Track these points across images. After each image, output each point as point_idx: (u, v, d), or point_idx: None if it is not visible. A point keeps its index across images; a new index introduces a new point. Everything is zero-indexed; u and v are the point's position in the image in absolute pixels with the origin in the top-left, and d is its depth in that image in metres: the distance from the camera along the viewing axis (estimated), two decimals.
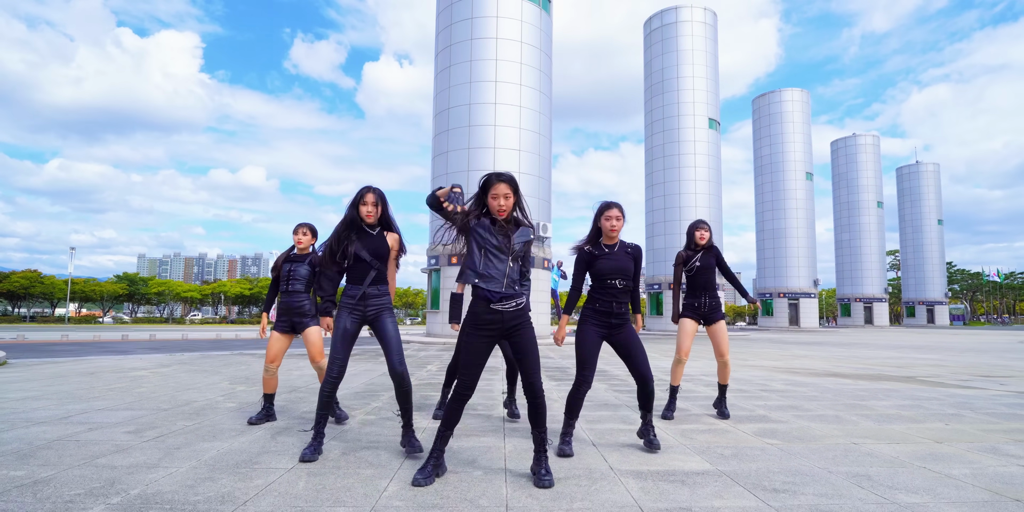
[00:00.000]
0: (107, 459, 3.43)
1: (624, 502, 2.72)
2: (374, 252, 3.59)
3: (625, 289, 3.73)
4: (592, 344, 3.68)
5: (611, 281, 3.70)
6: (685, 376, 8.55)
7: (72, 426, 4.41)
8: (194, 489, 2.86)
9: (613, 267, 3.72)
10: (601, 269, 3.73)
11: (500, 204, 3.01)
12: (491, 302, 2.99)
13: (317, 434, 3.54)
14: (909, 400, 6.21)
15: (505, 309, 3.01)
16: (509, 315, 3.03)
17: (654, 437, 3.77)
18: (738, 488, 2.95)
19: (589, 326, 3.71)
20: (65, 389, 6.56)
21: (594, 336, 3.69)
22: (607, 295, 3.71)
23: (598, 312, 3.72)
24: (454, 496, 2.78)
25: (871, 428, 4.61)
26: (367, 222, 3.62)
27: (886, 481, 3.10)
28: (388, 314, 3.63)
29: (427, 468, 2.99)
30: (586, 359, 3.65)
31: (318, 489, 2.87)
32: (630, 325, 3.75)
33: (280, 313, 4.60)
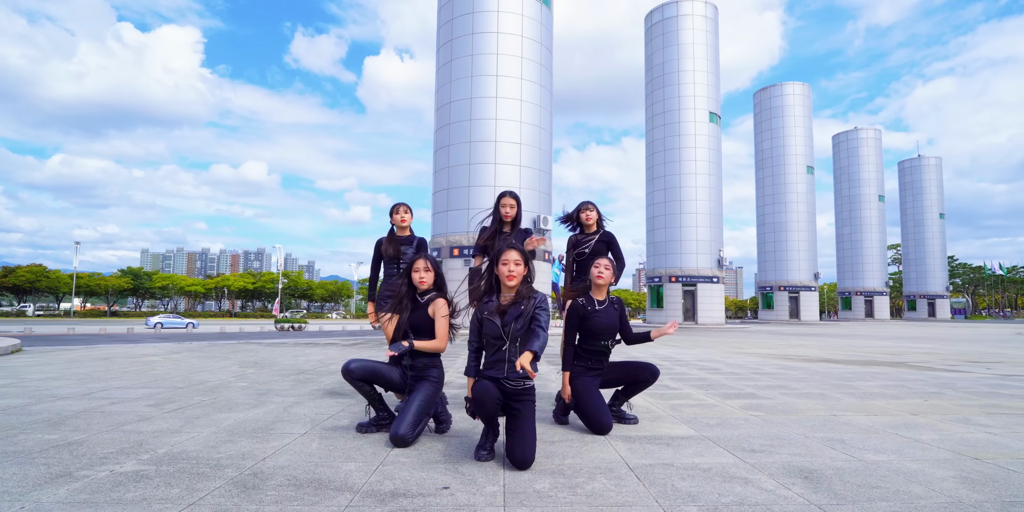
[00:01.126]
0: (133, 426, 3.68)
1: (612, 459, 2.96)
2: (414, 326, 3.44)
3: (613, 345, 3.79)
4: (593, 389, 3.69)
5: (604, 342, 3.74)
6: (680, 362, 8.79)
7: (95, 400, 4.66)
8: (216, 448, 3.10)
9: (606, 326, 3.73)
10: (593, 328, 3.73)
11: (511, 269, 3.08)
12: (498, 379, 3.00)
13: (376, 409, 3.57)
14: (894, 381, 6.45)
15: (510, 385, 2.98)
16: (512, 389, 2.98)
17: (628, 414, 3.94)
18: (718, 449, 3.19)
19: (586, 377, 3.73)
20: (83, 371, 6.82)
21: (594, 386, 3.72)
22: (600, 355, 3.77)
23: (590, 369, 3.77)
24: (456, 454, 3.03)
25: (852, 403, 4.85)
26: (420, 290, 3.51)
27: (858, 444, 3.34)
28: (429, 381, 3.42)
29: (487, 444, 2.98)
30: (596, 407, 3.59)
31: (330, 449, 3.12)
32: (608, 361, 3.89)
33: (385, 295, 4.56)
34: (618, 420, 3.89)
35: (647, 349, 11.76)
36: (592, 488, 2.48)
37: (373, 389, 3.51)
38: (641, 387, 3.88)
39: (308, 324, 37.92)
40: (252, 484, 2.49)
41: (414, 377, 3.45)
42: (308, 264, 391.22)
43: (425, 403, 3.35)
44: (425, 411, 3.35)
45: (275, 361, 8.41)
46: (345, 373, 3.38)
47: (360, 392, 3.47)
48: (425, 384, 3.42)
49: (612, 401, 3.95)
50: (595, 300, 3.82)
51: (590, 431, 3.60)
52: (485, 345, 3.11)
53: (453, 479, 2.59)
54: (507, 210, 4.40)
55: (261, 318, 70.15)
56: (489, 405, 2.85)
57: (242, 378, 6.27)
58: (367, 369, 3.41)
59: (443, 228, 21.83)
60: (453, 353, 10.21)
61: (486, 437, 3.03)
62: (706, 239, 34.15)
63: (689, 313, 34.44)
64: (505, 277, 3.08)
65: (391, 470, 2.73)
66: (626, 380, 3.87)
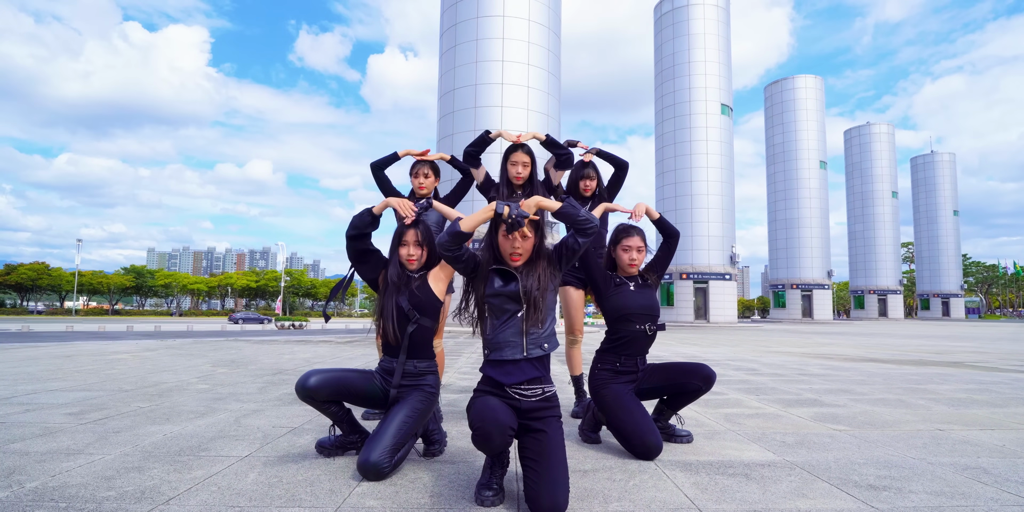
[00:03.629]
0: (23, 444, 2.77)
1: (677, 503, 2.02)
2: (417, 306, 2.55)
3: (654, 335, 2.85)
4: (632, 400, 2.73)
5: (640, 326, 2.80)
6: (709, 361, 7.84)
7: (8, 407, 3.76)
8: (110, 482, 2.19)
9: (641, 304, 2.82)
10: (625, 305, 2.81)
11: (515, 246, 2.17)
12: (503, 386, 2.12)
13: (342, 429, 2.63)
14: (973, 384, 5.48)
15: (524, 397, 2.12)
16: (528, 404, 2.12)
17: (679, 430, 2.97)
18: (822, 484, 2.25)
19: (617, 385, 2.78)
20: (28, 370, 5.93)
21: (630, 395, 2.76)
22: (634, 348, 2.82)
23: (621, 373, 2.82)
24: (448, 493, 2.10)
25: (948, 413, 3.90)
26: (409, 268, 2.63)
27: (1010, 475, 2.39)
28: (417, 395, 2.50)
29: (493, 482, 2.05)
30: (641, 429, 2.60)
31: (270, 484, 2.19)
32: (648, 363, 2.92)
33: None
34: (666, 438, 2.94)
35: (669, 348, 10.81)
36: None
37: (341, 408, 2.54)
38: (691, 398, 2.87)
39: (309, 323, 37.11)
40: None
41: (402, 386, 2.52)
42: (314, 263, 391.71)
43: (411, 420, 2.40)
44: (409, 431, 2.38)
45: (255, 360, 7.51)
46: (302, 391, 2.40)
47: (324, 413, 2.52)
48: (415, 395, 2.49)
49: (656, 414, 2.98)
50: (623, 277, 2.92)
51: (631, 455, 2.66)
52: (490, 313, 2.18)
53: None
54: (518, 170, 3.42)
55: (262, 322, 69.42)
56: (496, 438, 1.92)
57: (207, 379, 5.37)
58: (334, 383, 2.45)
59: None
60: (455, 351, 9.29)
61: (491, 470, 2.09)
62: (718, 235, 33.06)
63: (701, 311, 33.37)
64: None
65: None
66: (670, 389, 2.85)
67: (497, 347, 2.14)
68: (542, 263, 2.21)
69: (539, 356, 2.15)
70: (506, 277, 2.17)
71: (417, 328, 2.51)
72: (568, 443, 2.90)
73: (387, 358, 2.57)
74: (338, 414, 2.52)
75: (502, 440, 1.94)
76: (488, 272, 2.19)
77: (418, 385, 2.53)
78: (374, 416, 3.47)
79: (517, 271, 2.18)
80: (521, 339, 2.12)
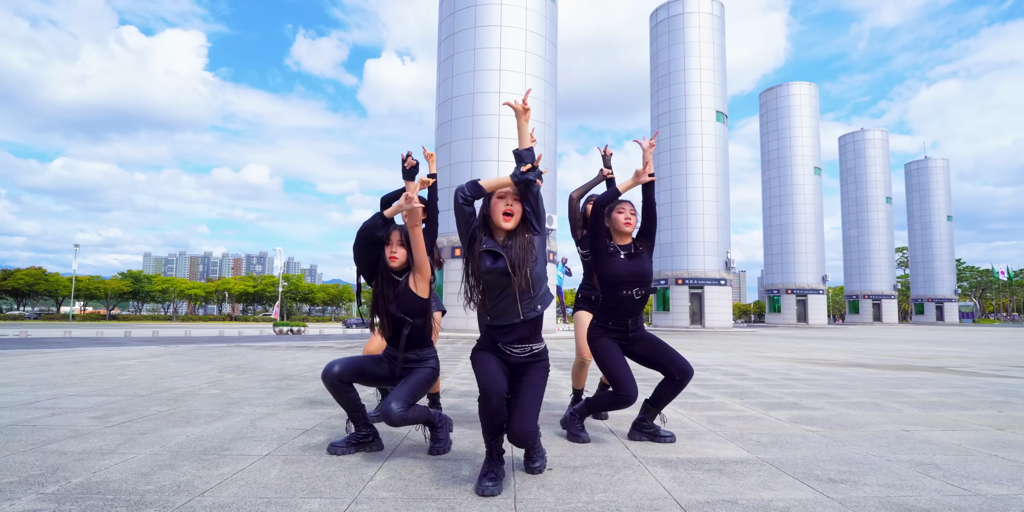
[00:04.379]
0: (58, 445, 3.01)
1: (655, 494, 2.28)
2: (405, 310, 2.81)
3: (643, 300, 3.11)
4: (616, 353, 3.08)
5: (627, 291, 3.06)
6: (701, 366, 8.10)
7: (35, 411, 4.00)
8: (147, 477, 2.43)
9: (631, 272, 3.07)
10: (616, 272, 3.06)
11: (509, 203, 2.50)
12: (498, 343, 2.47)
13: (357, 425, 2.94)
14: (948, 388, 5.75)
15: (514, 353, 2.48)
16: (517, 359, 2.49)
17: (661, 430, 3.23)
18: (787, 478, 2.51)
19: (607, 339, 3.12)
20: (44, 376, 6.16)
21: (617, 348, 3.11)
22: (624, 310, 3.09)
23: (611, 330, 3.13)
24: (453, 486, 2.35)
25: (917, 415, 4.16)
26: (392, 267, 2.87)
27: (958, 470, 2.65)
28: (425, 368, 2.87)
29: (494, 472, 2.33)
30: (619, 372, 2.98)
31: (292, 478, 2.44)
32: (644, 331, 3.21)
33: None
34: (650, 438, 3.20)
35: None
36: None
37: (358, 397, 2.87)
38: (669, 390, 3.13)
39: (307, 328, 37.25)
40: None
41: (406, 369, 2.86)
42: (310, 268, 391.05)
43: (421, 383, 2.79)
44: (419, 392, 2.75)
45: (260, 365, 7.74)
46: (329, 378, 2.75)
47: (342, 402, 2.82)
48: (421, 370, 2.86)
49: (641, 413, 3.26)
50: (617, 244, 3.18)
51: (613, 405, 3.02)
52: (486, 292, 2.47)
53: None
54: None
55: (261, 322, 69.51)
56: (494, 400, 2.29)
57: (216, 384, 5.60)
58: (354, 368, 2.82)
59: (444, 227, 21.18)
60: (454, 357, 9.53)
61: (491, 463, 2.35)
62: (713, 241, 33.40)
63: (696, 316, 33.65)
64: (500, 218, 2.49)
65: (366, 510, 2.05)
66: (653, 366, 3.13)
67: (497, 314, 2.47)
68: (525, 235, 2.51)
69: (534, 318, 2.48)
70: (495, 256, 2.46)
71: (412, 329, 2.82)
72: (559, 442, 3.16)
73: (391, 348, 2.89)
74: (356, 402, 2.84)
75: (499, 401, 2.32)
76: (480, 254, 2.48)
77: (421, 367, 2.87)
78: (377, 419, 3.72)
79: (503, 248, 2.47)
80: (516, 306, 2.44)
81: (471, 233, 2.53)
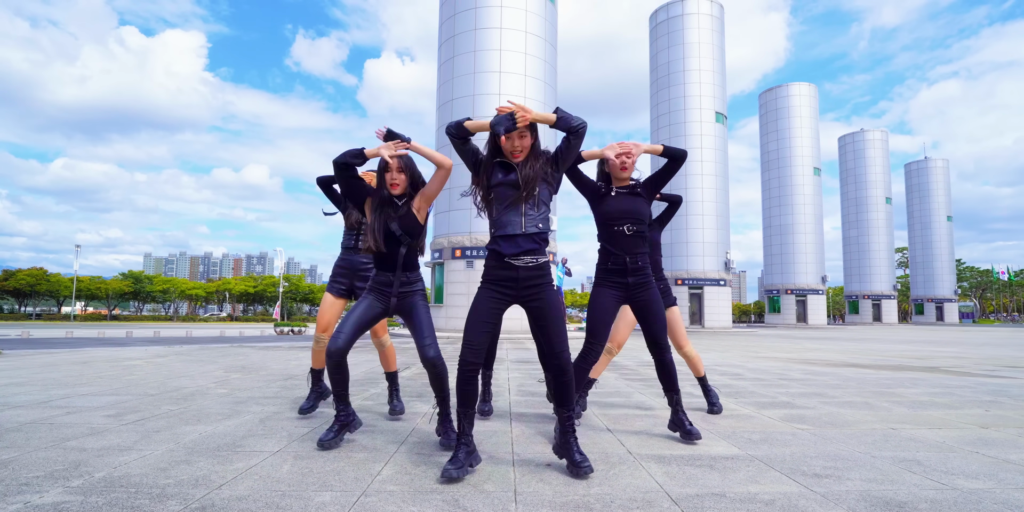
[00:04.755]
0: (77, 442, 3.14)
1: (648, 487, 2.41)
2: (406, 230, 3.05)
3: (637, 237, 3.20)
4: (603, 309, 3.21)
5: (618, 227, 3.19)
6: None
7: (49, 410, 4.12)
8: (166, 472, 2.56)
9: (620, 209, 3.19)
10: (608, 210, 3.22)
11: (515, 145, 2.64)
12: (504, 256, 2.62)
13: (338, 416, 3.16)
14: (939, 388, 5.87)
15: (520, 264, 2.62)
16: (525, 273, 2.63)
17: (690, 424, 3.26)
18: (774, 473, 2.63)
19: (602, 288, 3.25)
20: (53, 376, 6.29)
21: (608, 299, 3.22)
22: (617, 246, 3.21)
23: (610, 271, 3.23)
24: (456, 481, 2.48)
25: (906, 414, 4.28)
26: (394, 194, 3.08)
27: (939, 466, 2.78)
28: (419, 297, 3.14)
29: (458, 458, 2.51)
30: (594, 327, 3.21)
31: (303, 473, 2.57)
32: (654, 287, 3.25)
33: (339, 273, 3.94)
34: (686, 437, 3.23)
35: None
36: None
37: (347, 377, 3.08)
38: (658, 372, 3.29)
39: (308, 328, 37.35)
40: None
41: (403, 294, 3.10)
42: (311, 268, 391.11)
43: (428, 314, 3.11)
44: (432, 322, 3.10)
45: (264, 366, 7.87)
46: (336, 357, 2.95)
47: (338, 379, 3.04)
48: (415, 298, 3.12)
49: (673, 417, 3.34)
50: (613, 186, 3.30)
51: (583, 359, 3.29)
52: (495, 199, 2.65)
53: None
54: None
55: (262, 322, 69.65)
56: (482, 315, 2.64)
57: (223, 384, 5.73)
58: (359, 328, 3.01)
59: (445, 228, 21.31)
60: (454, 356, 9.65)
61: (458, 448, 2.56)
62: (713, 241, 33.51)
63: (695, 316, 33.76)
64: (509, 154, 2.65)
65: (375, 503, 2.18)
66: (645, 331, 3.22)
67: (501, 225, 2.63)
68: (539, 160, 2.68)
69: (535, 233, 2.63)
70: (507, 169, 2.66)
71: (408, 248, 3.08)
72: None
73: (382, 273, 3.09)
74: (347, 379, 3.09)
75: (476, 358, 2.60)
76: (492, 165, 2.68)
77: (413, 291, 3.12)
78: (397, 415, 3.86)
79: (516, 164, 2.65)
80: (521, 218, 2.61)
81: (476, 160, 2.72)
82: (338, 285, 3.92)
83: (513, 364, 8.31)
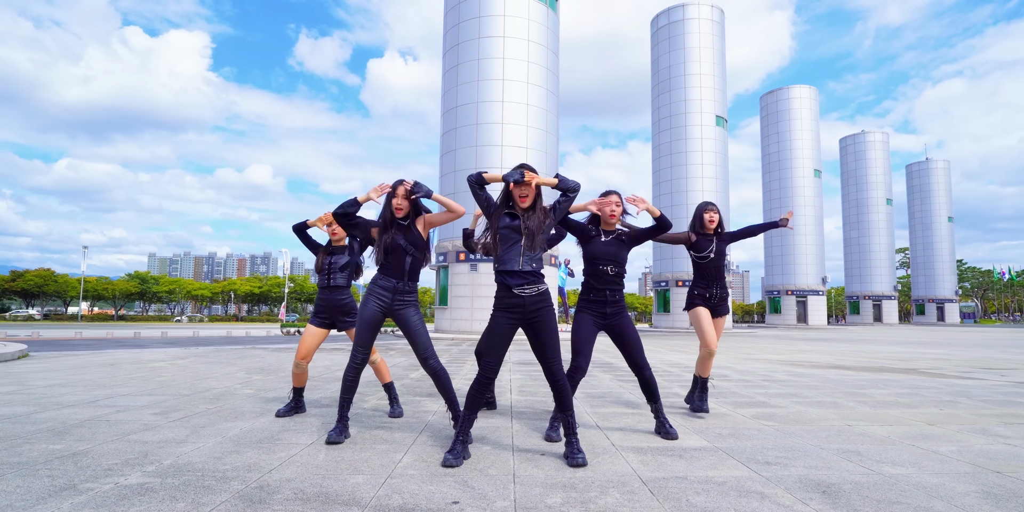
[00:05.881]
0: (138, 436, 3.64)
1: (624, 472, 2.90)
2: (412, 243, 3.61)
3: (617, 276, 3.76)
4: (586, 332, 3.73)
5: (603, 267, 3.73)
6: (690, 369, 8.70)
7: (100, 408, 4.63)
8: (221, 460, 3.06)
9: (605, 253, 3.74)
10: (594, 252, 3.76)
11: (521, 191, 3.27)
12: (511, 288, 3.17)
13: (341, 418, 3.58)
14: (908, 389, 6.35)
15: (525, 294, 3.18)
16: (530, 300, 3.19)
17: (670, 427, 3.74)
18: (732, 461, 3.13)
19: (585, 315, 3.78)
20: (88, 378, 6.80)
21: (589, 324, 3.75)
22: (600, 282, 3.73)
23: (593, 302, 3.76)
24: (466, 466, 2.97)
25: (867, 412, 4.77)
26: (397, 217, 3.63)
27: (874, 456, 3.27)
28: (414, 309, 3.65)
29: (456, 449, 3.04)
30: (579, 347, 3.72)
31: (337, 461, 3.07)
32: (626, 314, 3.78)
33: (320, 309, 4.39)
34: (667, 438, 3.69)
35: (656, 355, 11.67)
36: (605, 503, 2.43)
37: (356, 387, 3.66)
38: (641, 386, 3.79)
39: None
40: (258, 498, 2.45)
41: (401, 302, 3.62)
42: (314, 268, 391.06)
43: (425, 329, 3.68)
44: (428, 335, 3.69)
45: (281, 367, 8.38)
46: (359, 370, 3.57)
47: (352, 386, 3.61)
48: (411, 310, 3.64)
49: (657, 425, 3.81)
50: (603, 230, 3.86)
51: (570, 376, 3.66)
52: (500, 238, 3.25)
53: (463, 493, 2.54)
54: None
55: (267, 322, 70.27)
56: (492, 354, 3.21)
57: (248, 385, 6.24)
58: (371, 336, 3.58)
59: (449, 233, 21.81)
60: (459, 359, 10.15)
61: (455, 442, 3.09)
62: None
63: None
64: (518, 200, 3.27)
65: (399, 483, 2.68)
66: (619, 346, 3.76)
67: (504, 262, 3.21)
68: (540, 212, 3.30)
69: (531, 270, 3.20)
70: (512, 217, 3.27)
71: (413, 259, 3.62)
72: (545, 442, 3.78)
73: (385, 277, 3.59)
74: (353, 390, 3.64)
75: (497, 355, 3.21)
76: (501, 213, 3.30)
77: (407, 303, 3.64)
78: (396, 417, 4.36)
79: (521, 213, 3.26)
80: (519, 258, 3.20)
81: (489, 205, 3.35)
82: (320, 318, 4.38)
83: (515, 366, 8.80)
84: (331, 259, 4.47)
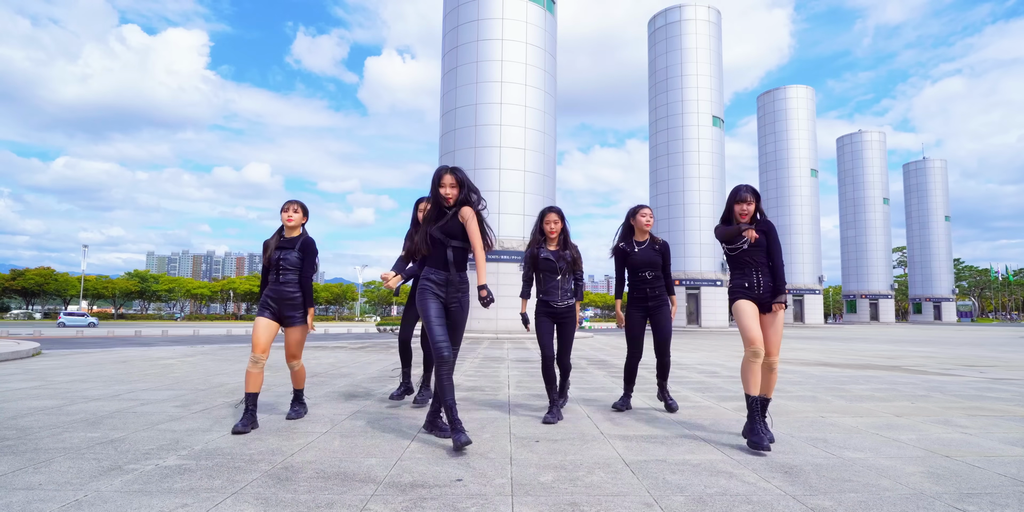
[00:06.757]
0: (166, 425, 3.96)
1: (610, 455, 3.23)
2: (447, 231, 3.58)
3: (655, 279, 4.62)
4: (637, 324, 4.69)
5: (642, 274, 4.64)
6: (682, 365, 9.03)
7: (125, 401, 4.95)
8: (246, 446, 3.38)
9: (643, 261, 4.61)
10: (633, 263, 4.64)
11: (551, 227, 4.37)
12: (551, 304, 4.38)
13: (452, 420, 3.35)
14: (886, 384, 6.68)
15: (559, 307, 4.40)
16: (562, 310, 4.41)
17: (672, 400, 4.75)
18: (708, 447, 3.45)
19: (633, 310, 4.72)
20: (105, 374, 7.12)
21: (638, 319, 4.70)
22: (641, 284, 4.65)
23: (636, 298, 4.70)
24: (468, 451, 3.30)
25: (841, 406, 5.10)
26: (446, 204, 3.60)
27: (839, 443, 3.59)
28: (464, 304, 3.68)
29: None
30: (635, 337, 4.70)
31: (351, 446, 3.39)
32: (666, 308, 4.65)
33: (269, 301, 4.15)
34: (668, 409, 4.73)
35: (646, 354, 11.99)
36: (591, 481, 2.75)
37: None
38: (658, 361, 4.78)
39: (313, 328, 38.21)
40: (285, 476, 2.77)
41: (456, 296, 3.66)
42: None
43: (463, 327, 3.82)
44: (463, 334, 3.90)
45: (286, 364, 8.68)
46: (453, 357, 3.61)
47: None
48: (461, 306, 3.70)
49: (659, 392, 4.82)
50: (635, 242, 4.67)
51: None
52: (541, 277, 4.37)
53: (465, 472, 2.87)
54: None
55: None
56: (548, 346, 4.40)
57: None
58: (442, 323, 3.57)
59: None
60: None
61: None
62: (709, 242, 34.30)
63: (692, 316, 34.60)
64: (549, 232, 4.35)
65: (409, 464, 3.00)
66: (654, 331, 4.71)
67: (547, 291, 4.38)
68: (568, 253, 4.37)
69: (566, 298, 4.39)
70: (549, 260, 4.33)
71: (454, 250, 3.60)
72: (545, 427, 4.10)
73: (435, 270, 3.61)
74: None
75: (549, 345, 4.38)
76: (540, 259, 4.36)
77: (462, 295, 3.69)
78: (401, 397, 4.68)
79: (554, 255, 4.33)
80: (559, 290, 4.37)
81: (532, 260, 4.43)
82: (270, 311, 4.13)
83: (513, 363, 9.13)
84: (280, 254, 4.21)
